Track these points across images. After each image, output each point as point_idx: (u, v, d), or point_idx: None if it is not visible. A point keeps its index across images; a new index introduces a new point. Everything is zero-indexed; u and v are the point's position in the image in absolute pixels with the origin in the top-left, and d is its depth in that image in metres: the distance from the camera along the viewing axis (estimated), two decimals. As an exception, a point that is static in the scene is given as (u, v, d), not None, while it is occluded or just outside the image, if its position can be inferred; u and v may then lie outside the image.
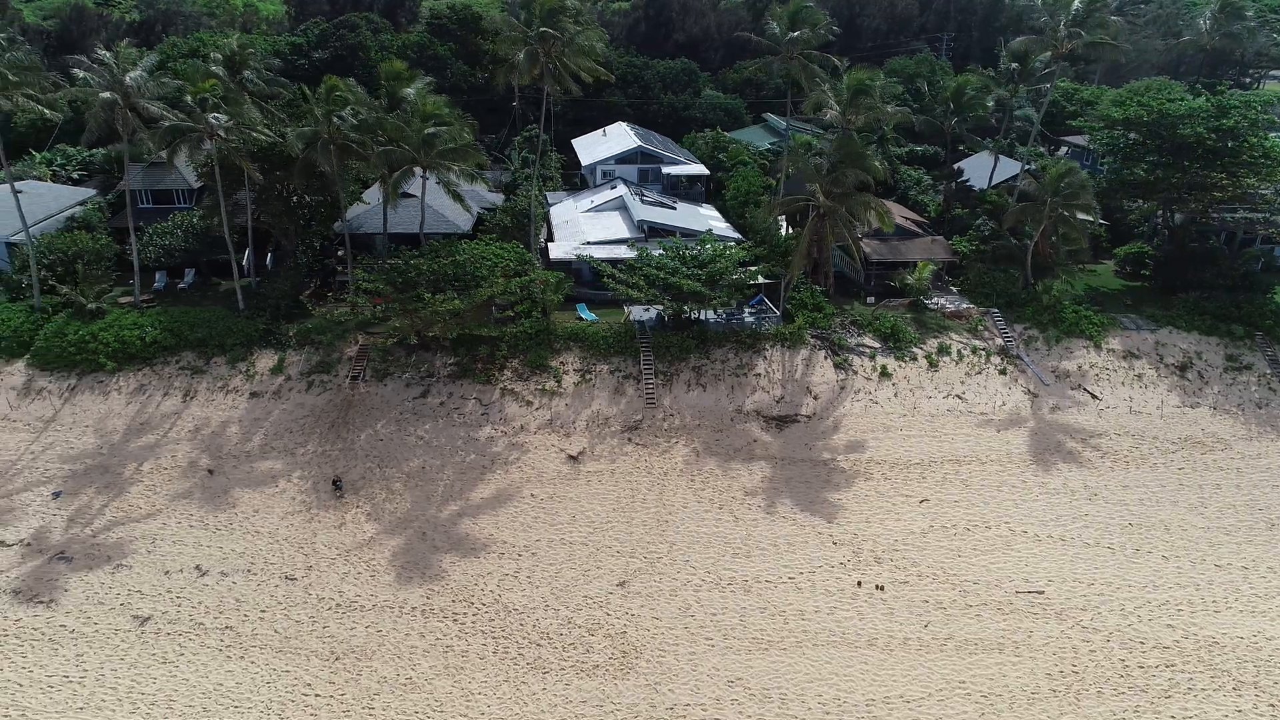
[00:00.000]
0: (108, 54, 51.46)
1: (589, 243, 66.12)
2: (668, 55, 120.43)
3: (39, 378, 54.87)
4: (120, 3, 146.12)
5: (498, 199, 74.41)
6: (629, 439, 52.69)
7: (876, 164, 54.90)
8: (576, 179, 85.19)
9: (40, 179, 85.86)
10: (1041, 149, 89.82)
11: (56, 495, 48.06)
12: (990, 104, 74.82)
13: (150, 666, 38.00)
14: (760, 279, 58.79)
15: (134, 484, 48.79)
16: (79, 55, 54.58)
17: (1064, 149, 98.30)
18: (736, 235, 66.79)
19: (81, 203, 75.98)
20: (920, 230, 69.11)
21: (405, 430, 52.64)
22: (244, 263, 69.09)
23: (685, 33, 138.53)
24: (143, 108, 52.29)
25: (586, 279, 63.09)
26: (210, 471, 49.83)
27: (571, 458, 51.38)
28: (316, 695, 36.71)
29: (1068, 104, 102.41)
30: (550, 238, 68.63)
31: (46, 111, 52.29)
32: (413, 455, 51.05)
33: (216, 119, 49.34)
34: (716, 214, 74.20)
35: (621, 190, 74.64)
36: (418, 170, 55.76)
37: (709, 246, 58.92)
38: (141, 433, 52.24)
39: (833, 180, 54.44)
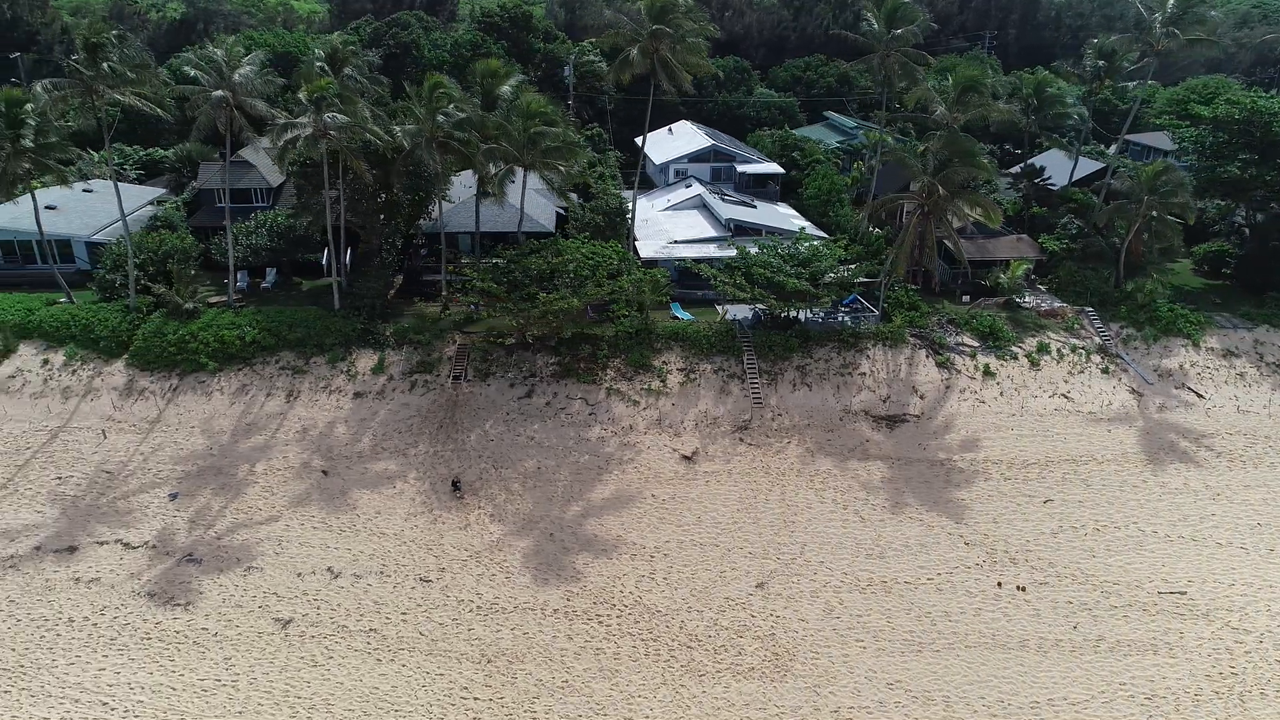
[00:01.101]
0: (219, 51, 50.93)
1: (676, 241, 65.76)
2: (709, 54, 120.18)
3: (140, 378, 54.35)
4: (158, 2, 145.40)
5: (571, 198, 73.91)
6: (740, 439, 52.30)
7: (985, 161, 54.50)
8: (633, 177, 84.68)
9: (102, 178, 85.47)
10: (1102, 147, 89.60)
11: (173, 497, 47.59)
12: (1070, 101, 74.43)
13: (300, 669, 37.57)
14: (864, 278, 58.30)
15: (250, 486, 48.31)
16: (187, 53, 54.00)
17: (1112, 147, 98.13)
18: (821, 234, 66.41)
19: (154, 201, 75.55)
20: (999, 229, 68.72)
21: (515, 430, 52.20)
22: (324, 262, 69.08)
23: (726, 30, 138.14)
24: (249, 106, 51.80)
25: (673, 277, 62.70)
26: (325, 473, 49.37)
27: (685, 458, 50.99)
28: (475, 699, 36.30)
29: (1120, 102, 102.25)
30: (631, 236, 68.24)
31: (159, 111, 51.72)
32: (526, 456, 50.62)
33: (333, 118, 48.80)
34: (793, 213, 73.84)
35: (699, 189, 74.27)
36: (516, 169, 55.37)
37: (805, 245, 58.60)
38: (249, 434, 51.76)
39: (940, 178, 54.05)
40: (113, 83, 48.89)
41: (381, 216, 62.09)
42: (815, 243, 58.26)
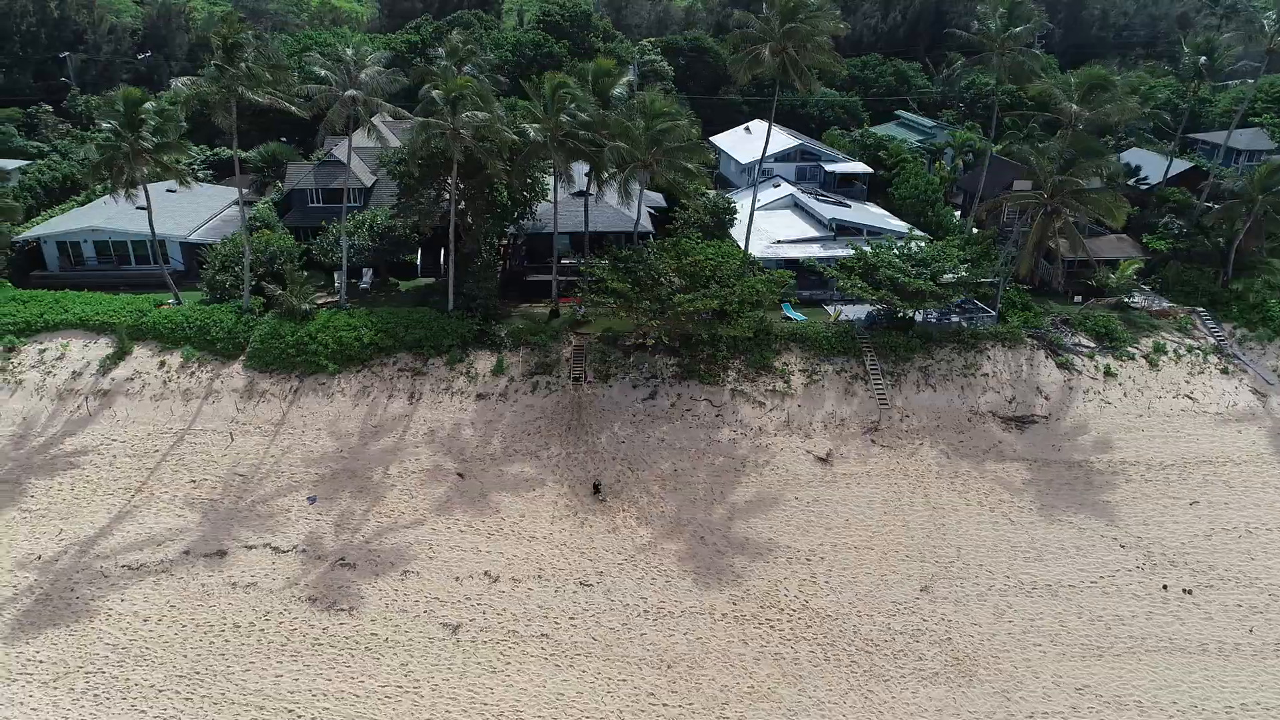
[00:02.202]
0: (349, 51, 50.41)
1: (779, 241, 65.32)
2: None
3: (260, 380, 53.81)
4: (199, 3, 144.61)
5: (658, 198, 73.40)
6: (872, 440, 51.89)
7: (1113, 159, 54.10)
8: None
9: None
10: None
11: (312, 500, 47.09)
12: (1162, 99, 74.04)
13: (480, 675, 37.11)
14: (988, 278, 57.80)
15: (388, 489, 47.82)
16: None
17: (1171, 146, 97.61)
18: (922, 234, 65.94)
19: (243, 202, 74.92)
20: (1099, 228, 68.37)
21: (644, 432, 51.74)
22: (417, 263, 68.53)
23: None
24: (374, 105, 51.28)
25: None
26: (460, 475, 48.89)
27: (820, 459, 50.57)
28: (664, 705, 35.87)
29: (1179, 101, 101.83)
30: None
31: (294, 109, 51.10)
32: (660, 458, 50.16)
33: (472, 116, 48.25)
34: (884, 212, 73.40)
35: (788, 189, 73.82)
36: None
37: (921, 245, 58.19)
38: (377, 436, 51.26)
39: (1066, 177, 53.63)
40: (250, 83, 48.30)
41: (488, 217, 61.60)
42: (936, 243, 57.71)
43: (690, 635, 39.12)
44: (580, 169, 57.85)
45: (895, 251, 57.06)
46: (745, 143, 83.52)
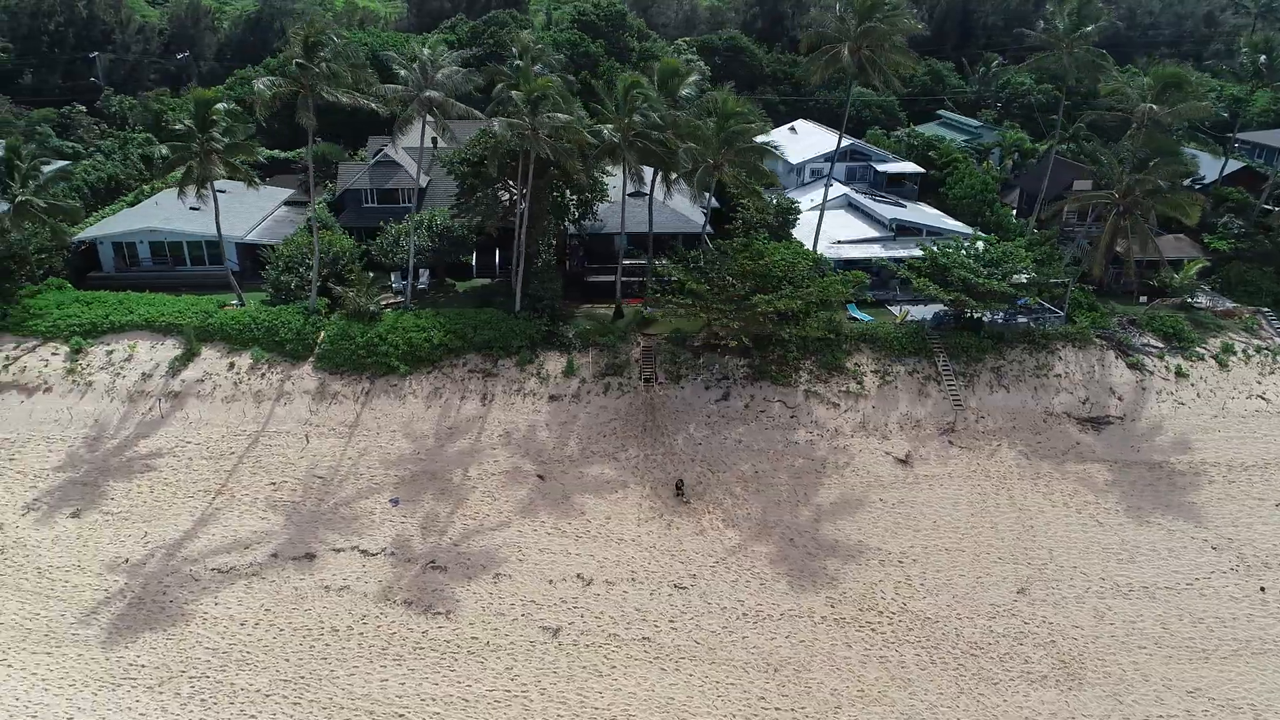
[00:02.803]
0: (426, 50, 50.12)
1: (840, 241, 65.07)
2: (785, 51, 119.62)
3: (330, 381, 53.50)
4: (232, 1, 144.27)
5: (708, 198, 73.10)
6: (950, 442, 51.66)
7: (1188, 158, 53.89)
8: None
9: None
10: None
11: (395, 502, 46.80)
12: (1213, 99, 73.82)
13: (587, 679, 36.85)
14: (1058, 279, 57.54)
15: (469, 491, 47.54)
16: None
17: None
18: (985, 235, 65.70)
19: (295, 203, 74.80)
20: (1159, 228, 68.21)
21: (720, 434, 51.48)
22: (472, 263, 68.27)
23: (802, 30, 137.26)
24: (449, 105, 50.99)
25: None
26: (541, 477, 48.61)
27: (900, 461, 50.34)
28: (776, 709, 35.62)
29: (1235, 100, 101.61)
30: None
31: (376, 107, 50.74)
32: (739, 459, 49.91)
33: (551, 117, 47.96)
34: (938, 212, 73.13)
35: (840, 188, 73.51)
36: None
37: (985, 245, 57.97)
38: (452, 437, 50.98)
39: (1141, 177, 53.41)
40: (331, 82, 47.99)
41: (551, 217, 61.39)
42: (1004, 244, 57.48)
43: (793, 638, 38.87)
44: (644, 170, 57.61)
45: (964, 252, 56.81)
46: (792, 142, 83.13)
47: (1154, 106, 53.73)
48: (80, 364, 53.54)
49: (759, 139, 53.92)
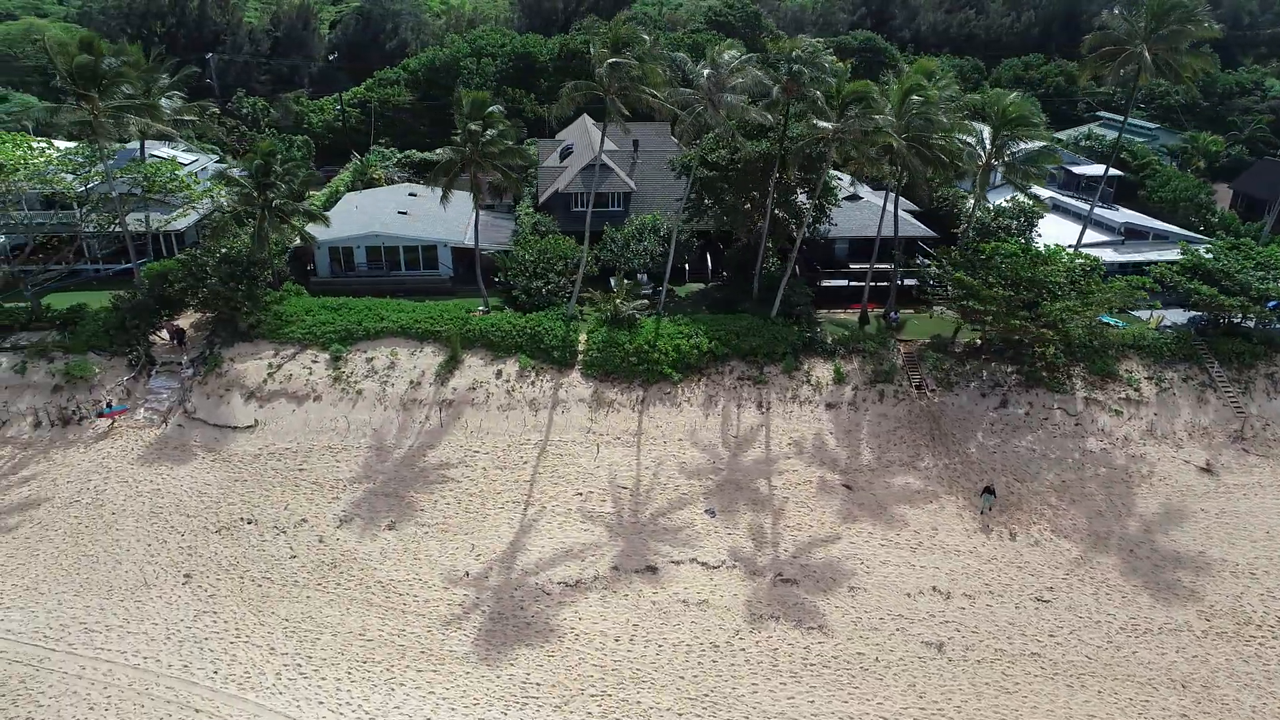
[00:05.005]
0: (725, 55, 49.22)
1: (1072, 246, 64.22)
2: (904, 49, 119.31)
3: (603, 389, 52.70)
4: (340, 3, 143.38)
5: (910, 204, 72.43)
6: (1244, 450, 50.89)
7: None
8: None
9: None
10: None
11: (711, 513, 45.96)
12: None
13: (996, 696, 36.00)
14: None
15: (781, 501, 46.72)
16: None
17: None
18: (1204, 237, 65.13)
19: (486, 208, 73.88)
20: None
21: (1009, 442, 50.68)
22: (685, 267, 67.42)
23: (909, 29, 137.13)
24: (738, 110, 50.04)
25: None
26: (848, 487, 47.79)
27: (1202, 469, 49.55)
28: (1204, 728, 34.81)
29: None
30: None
31: (679, 113, 49.83)
32: (1040, 468, 49.10)
33: (861, 120, 47.19)
34: (1139, 215, 72.44)
35: (1045, 192, 72.70)
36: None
37: (1248, 249, 57.28)
38: (742, 447, 50.16)
39: None
40: (641, 82, 47.16)
41: (792, 221, 60.65)
42: (1269, 247, 56.79)
43: (1184, 653, 38.07)
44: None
45: (1238, 256, 56.06)
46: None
47: None
48: (344, 372, 52.72)
49: (1036, 144, 53.07)
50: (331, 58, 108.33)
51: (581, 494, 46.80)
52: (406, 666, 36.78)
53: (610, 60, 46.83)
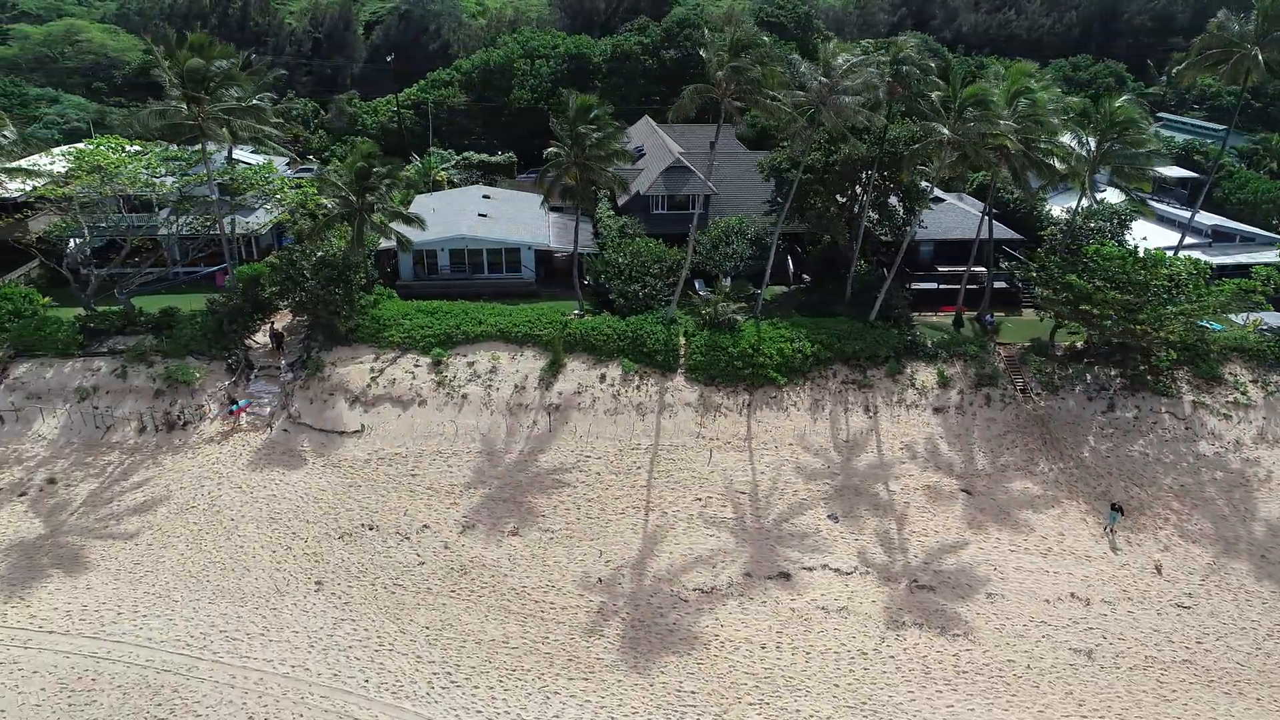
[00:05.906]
0: (840, 58, 48.90)
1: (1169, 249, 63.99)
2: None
3: (709, 393, 52.34)
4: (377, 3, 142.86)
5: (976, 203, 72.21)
6: (1359, 454, 50.63)
7: None
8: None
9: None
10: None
11: (834, 518, 45.66)
12: None
13: (1156, 704, 35.73)
14: None
15: (903, 506, 46.39)
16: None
17: None
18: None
19: (557, 210, 73.40)
20: None
21: (1121, 446, 50.37)
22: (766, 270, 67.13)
23: (950, 29, 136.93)
24: (849, 113, 49.71)
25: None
26: (967, 493, 47.49)
27: (1319, 474, 49.30)
28: (1370, 736, 34.56)
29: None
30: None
31: (794, 114, 49.49)
32: (1157, 472, 48.78)
33: (979, 124, 46.90)
34: (1220, 218, 72.18)
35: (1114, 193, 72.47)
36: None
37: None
38: (854, 451, 49.83)
39: None
40: (753, 89, 46.87)
41: (884, 223, 60.42)
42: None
43: (1335, 662, 37.82)
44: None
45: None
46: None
47: None
48: (446, 376, 52.36)
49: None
50: (389, 59, 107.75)
51: (700, 499, 46.47)
52: (557, 675, 36.43)
53: (731, 64, 46.47)
